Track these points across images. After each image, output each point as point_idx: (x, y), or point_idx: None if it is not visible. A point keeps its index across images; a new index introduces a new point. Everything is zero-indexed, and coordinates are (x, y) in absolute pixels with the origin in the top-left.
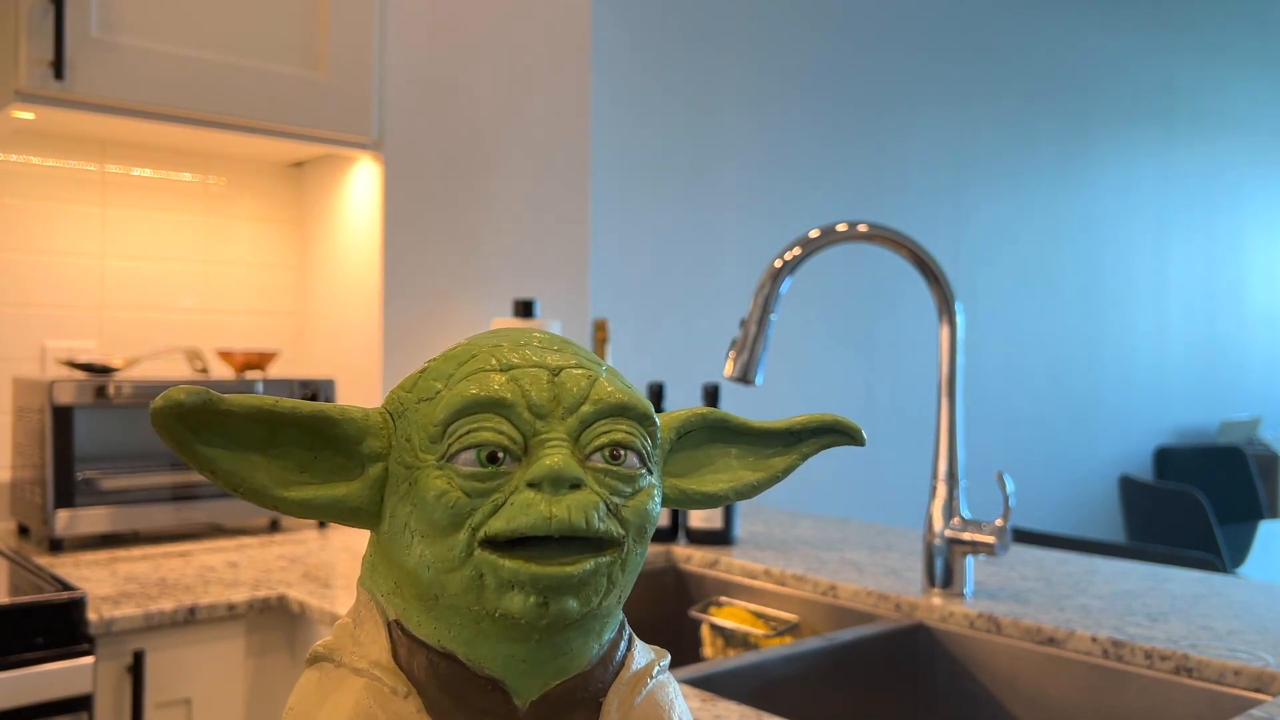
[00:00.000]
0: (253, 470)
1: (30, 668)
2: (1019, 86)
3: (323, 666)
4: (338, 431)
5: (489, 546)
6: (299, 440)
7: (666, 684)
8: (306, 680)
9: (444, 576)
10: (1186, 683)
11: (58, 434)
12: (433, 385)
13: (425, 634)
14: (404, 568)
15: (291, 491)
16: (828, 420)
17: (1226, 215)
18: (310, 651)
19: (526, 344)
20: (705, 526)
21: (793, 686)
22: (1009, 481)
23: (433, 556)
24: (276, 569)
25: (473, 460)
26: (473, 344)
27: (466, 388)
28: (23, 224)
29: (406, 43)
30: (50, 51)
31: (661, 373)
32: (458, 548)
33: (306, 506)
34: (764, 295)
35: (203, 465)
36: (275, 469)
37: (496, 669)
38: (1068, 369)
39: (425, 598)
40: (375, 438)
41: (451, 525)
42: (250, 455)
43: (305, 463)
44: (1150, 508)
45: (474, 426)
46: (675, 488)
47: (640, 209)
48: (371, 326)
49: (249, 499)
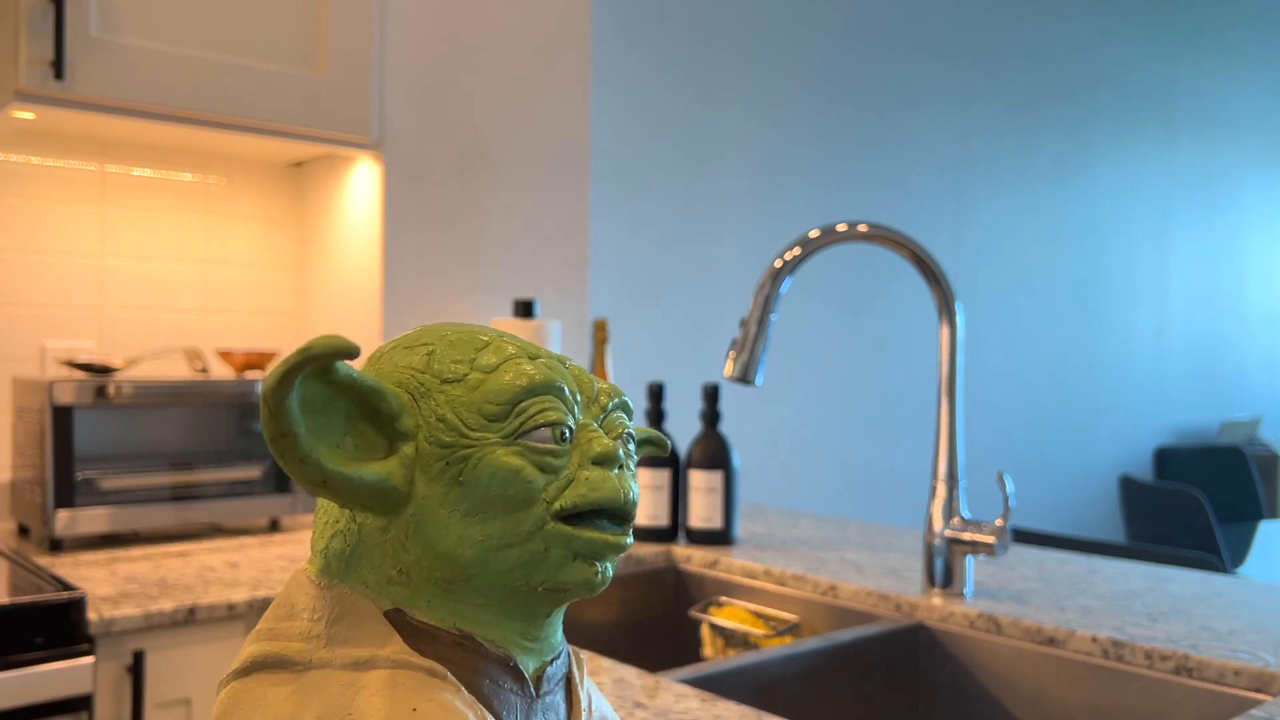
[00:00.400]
0: (317, 440)
1: (30, 668)
2: (1019, 86)
3: (276, 675)
4: (383, 406)
5: (562, 519)
6: (342, 412)
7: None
8: (255, 695)
9: (496, 554)
10: (1186, 683)
11: (58, 434)
12: (455, 368)
13: (437, 618)
14: (435, 550)
15: (346, 466)
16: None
17: (1226, 215)
18: (243, 661)
19: (505, 336)
20: (705, 526)
21: (793, 686)
22: (1009, 481)
23: (488, 533)
24: (276, 569)
25: (548, 437)
26: (470, 329)
27: (524, 369)
28: (22, 224)
29: (406, 43)
30: (50, 51)
31: (661, 373)
32: (529, 521)
33: (351, 485)
34: (764, 295)
35: (291, 426)
36: (326, 443)
37: (511, 647)
38: (1067, 369)
39: (450, 580)
40: (409, 415)
41: (526, 500)
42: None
43: (338, 439)
44: (1150, 508)
45: (545, 406)
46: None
47: (640, 209)
48: (371, 326)
49: (298, 469)
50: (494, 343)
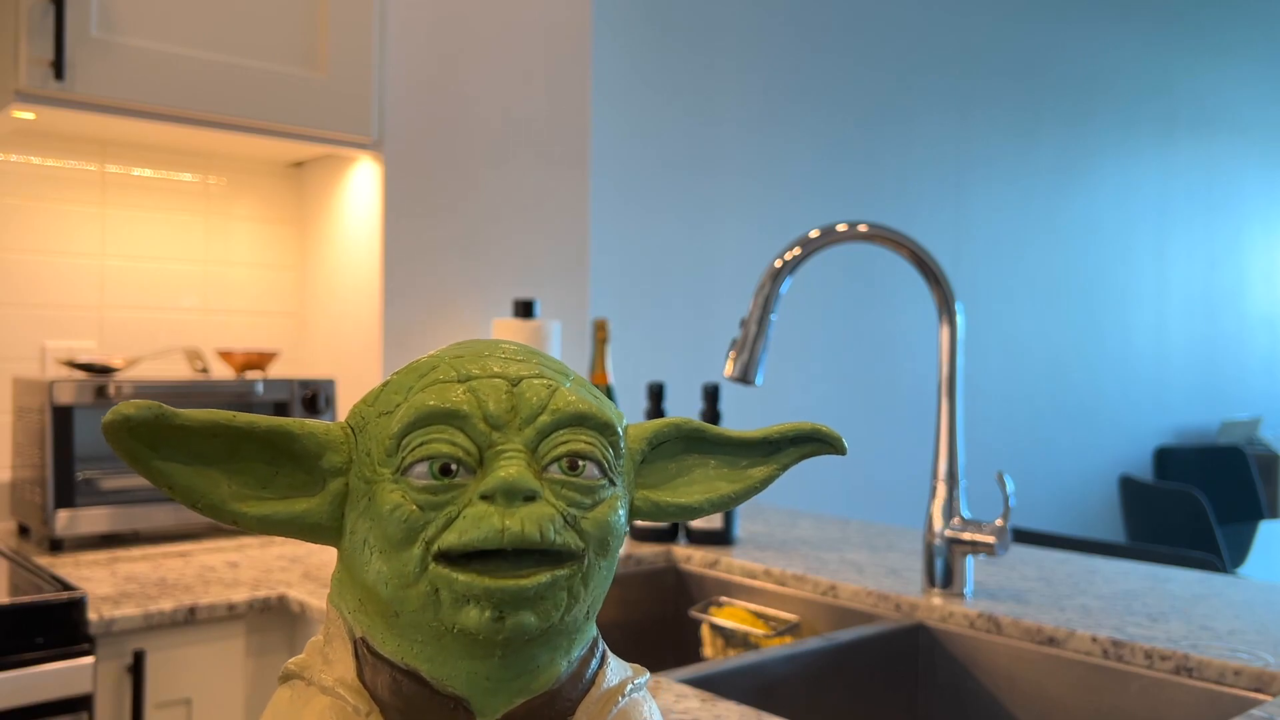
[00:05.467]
0: (212, 485)
1: (30, 668)
2: (1019, 87)
3: (294, 684)
4: (297, 446)
5: (443, 561)
6: (260, 455)
7: (641, 701)
8: (279, 698)
9: (401, 592)
10: (1186, 683)
11: (58, 434)
12: (392, 398)
13: (389, 651)
14: (364, 584)
15: (250, 507)
16: (806, 429)
17: (1226, 215)
18: (283, 669)
19: (490, 355)
20: (705, 526)
21: (793, 686)
22: (1009, 481)
23: (390, 572)
24: (276, 569)
25: (426, 473)
26: (436, 356)
27: (423, 399)
28: (23, 224)
29: (406, 43)
30: (50, 51)
31: (661, 373)
32: (412, 563)
33: (266, 522)
34: (764, 295)
35: (159, 479)
36: (236, 484)
37: (460, 687)
38: (1068, 369)
39: (386, 614)
40: (335, 453)
41: (405, 539)
42: (209, 470)
43: (266, 478)
44: (1150, 508)
45: (427, 439)
46: (648, 499)
47: (640, 209)
48: (371, 326)
49: (207, 514)
50: (444, 365)
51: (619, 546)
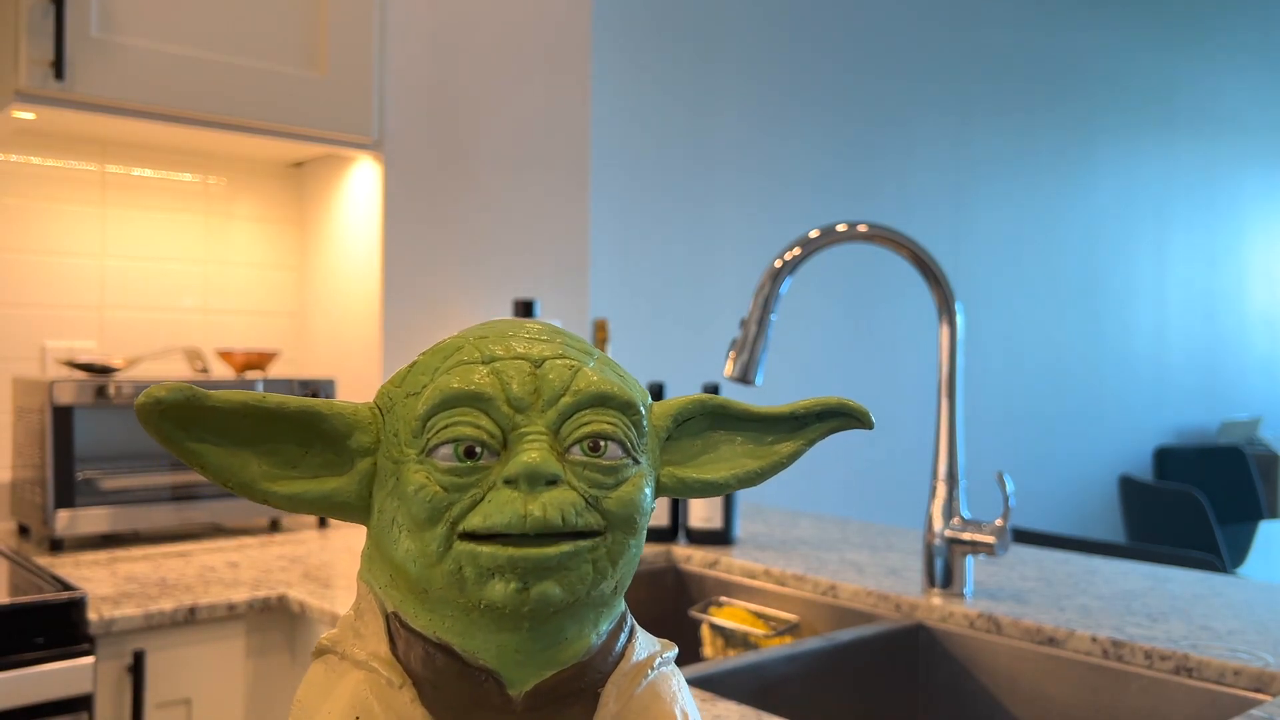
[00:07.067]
0: (243, 465)
1: (30, 668)
2: (1019, 87)
3: (327, 659)
4: (326, 426)
5: (467, 538)
6: (290, 435)
7: (670, 675)
8: (314, 673)
9: (427, 570)
10: (1186, 683)
11: (58, 434)
12: (419, 380)
13: (421, 625)
14: (394, 561)
15: (280, 486)
16: (832, 403)
17: (1226, 215)
18: (316, 644)
19: (514, 335)
20: (705, 526)
21: (793, 686)
22: (1009, 481)
23: (417, 550)
24: (276, 569)
25: (450, 455)
26: (461, 337)
27: (447, 381)
28: (23, 224)
29: (406, 43)
30: (50, 51)
31: (661, 373)
32: (436, 541)
33: (296, 501)
34: (764, 295)
35: (192, 460)
36: (266, 464)
37: (490, 659)
38: (1068, 369)
39: (416, 590)
40: (364, 433)
41: (430, 519)
42: (240, 450)
43: (296, 458)
44: (1150, 508)
45: (451, 421)
46: (674, 476)
47: (640, 209)
48: (371, 326)
49: (239, 493)
50: (469, 346)
51: (645, 524)
